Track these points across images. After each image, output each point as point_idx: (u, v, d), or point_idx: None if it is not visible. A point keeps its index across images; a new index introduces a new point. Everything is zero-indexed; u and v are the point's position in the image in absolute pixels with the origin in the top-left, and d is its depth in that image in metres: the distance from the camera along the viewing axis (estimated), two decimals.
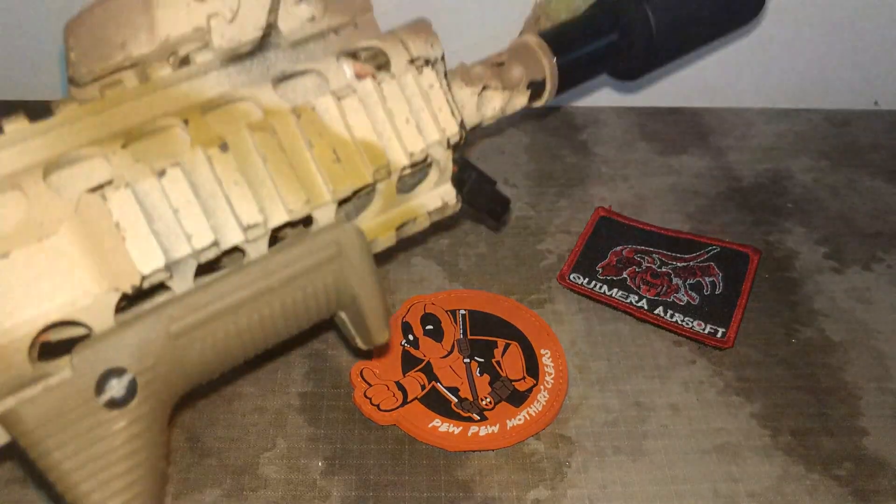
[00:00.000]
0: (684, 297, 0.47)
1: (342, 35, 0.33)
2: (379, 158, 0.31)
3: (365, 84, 0.32)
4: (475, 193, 0.36)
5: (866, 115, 0.64)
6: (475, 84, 0.36)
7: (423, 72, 0.33)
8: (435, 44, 0.34)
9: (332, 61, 0.32)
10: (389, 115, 0.32)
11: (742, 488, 0.38)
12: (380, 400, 0.40)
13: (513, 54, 0.37)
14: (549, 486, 0.38)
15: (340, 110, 0.31)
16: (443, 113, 0.33)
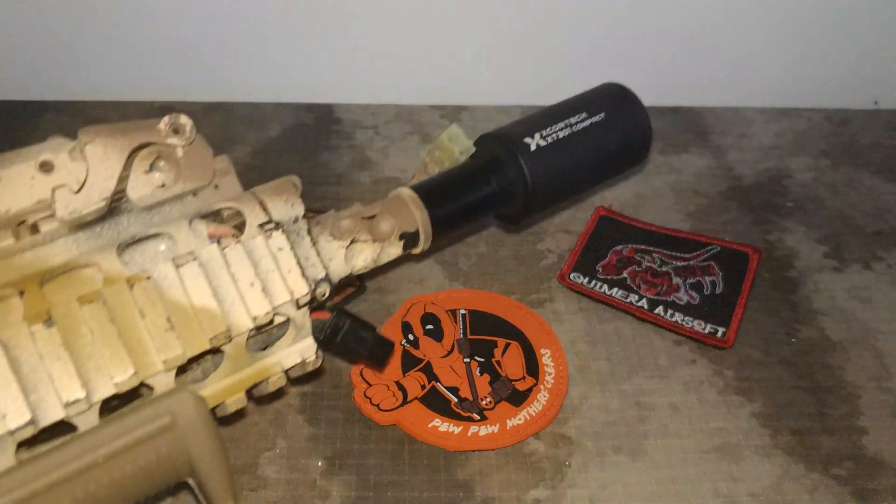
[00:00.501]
0: (684, 297, 0.46)
1: (200, 196, 0.34)
2: (217, 325, 0.31)
3: (209, 249, 0.32)
4: (351, 342, 0.36)
5: (866, 115, 0.64)
6: (343, 238, 0.36)
7: (273, 235, 0.33)
8: (295, 204, 0.34)
9: (184, 224, 0.32)
10: (233, 279, 0.32)
11: (742, 488, 0.38)
12: (380, 400, 0.40)
13: (385, 207, 0.38)
14: (549, 486, 0.38)
15: (179, 277, 0.31)
16: (292, 275, 0.33)
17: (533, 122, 0.41)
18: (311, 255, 0.35)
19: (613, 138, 0.41)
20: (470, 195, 0.40)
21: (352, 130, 0.60)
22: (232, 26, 0.59)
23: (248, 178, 0.54)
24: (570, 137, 0.40)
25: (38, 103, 0.60)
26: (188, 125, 0.33)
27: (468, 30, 0.60)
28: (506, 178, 0.40)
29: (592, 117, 0.41)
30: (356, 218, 0.37)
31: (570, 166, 0.40)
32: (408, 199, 0.38)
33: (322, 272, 0.35)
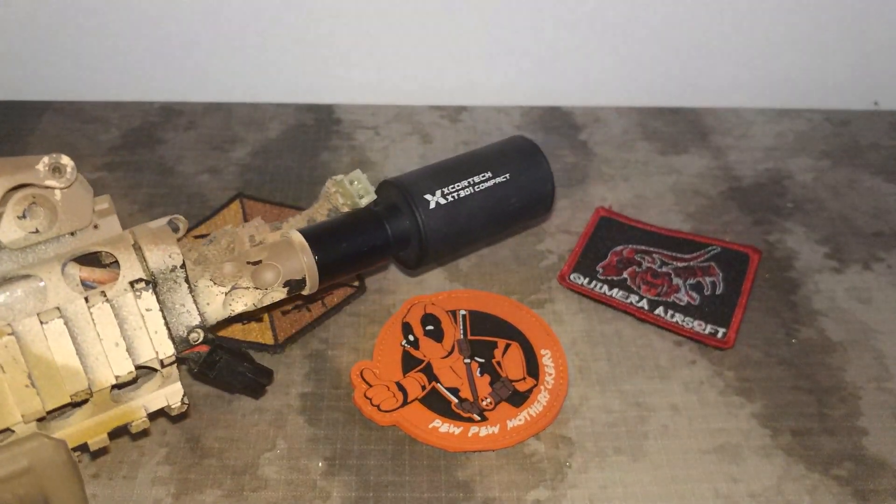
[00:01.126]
0: (685, 298, 0.47)
1: (78, 236, 0.33)
2: (79, 383, 0.32)
3: (76, 305, 0.32)
4: (226, 375, 0.37)
5: (866, 115, 0.64)
6: (225, 284, 0.36)
7: (143, 296, 0.33)
8: (174, 254, 0.34)
9: (57, 267, 0.32)
10: (98, 337, 0.32)
11: (742, 488, 0.38)
12: (380, 400, 0.40)
13: (273, 253, 0.37)
14: (549, 487, 0.38)
15: (43, 334, 0.31)
16: (159, 336, 0.33)
17: (437, 176, 0.41)
18: (186, 301, 0.34)
19: (514, 200, 0.42)
20: (363, 242, 0.39)
21: (352, 131, 0.60)
22: (232, 26, 0.59)
23: (248, 178, 0.54)
24: (471, 197, 0.40)
25: (38, 103, 0.60)
26: (69, 166, 0.32)
27: (468, 31, 0.60)
28: (402, 227, 0.40)
29: (496, 177, 0.42)
30: (240, 263, 0.37)
31: (466, 225, 0.40)
32: (297, 245, 0.38)
33: (196, 319, 0.35)
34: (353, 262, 0.39)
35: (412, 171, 0.42)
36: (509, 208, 0.42)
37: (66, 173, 0.32)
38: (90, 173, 0.54)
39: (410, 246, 0.40)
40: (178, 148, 0.57)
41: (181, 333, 0.35)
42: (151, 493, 0.37)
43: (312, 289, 0.38)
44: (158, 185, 0.54)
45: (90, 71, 0.60)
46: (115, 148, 0.57)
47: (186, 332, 0.35)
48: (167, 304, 0.34)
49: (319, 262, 0.38)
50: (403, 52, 0.61)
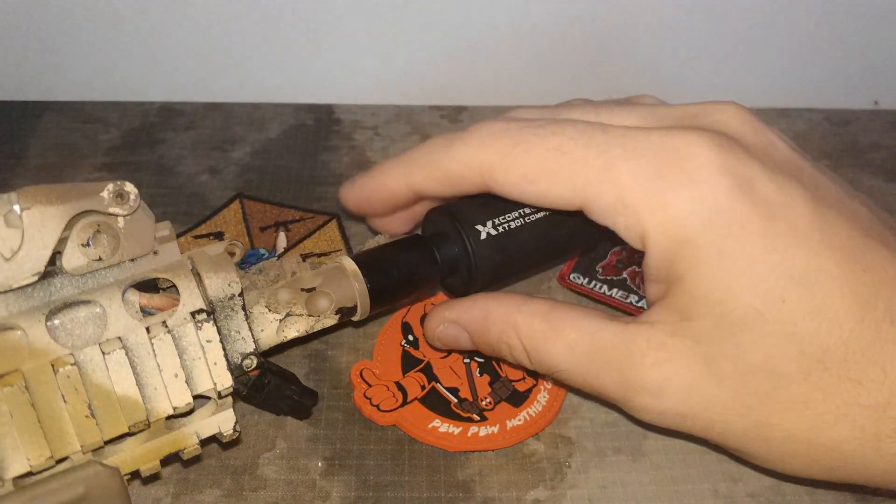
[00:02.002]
0: None
1: (138, 262, 0.33)
2: (138, 414, 0.32)
3: (137, 334, 0.32)
4: (274, 398, 0.37)
5: (866, 115, 0.64)
6: (279, 311, 0.36)
7: (204, 327, 0.33)
8: (233, 283, 0.34)
9: (117, 294, 0.32)
10: (158, 368, 0.32)
11: (742, 488, 0.38)
12: (380, 400, 0.40)
13: (326, 280, 0.37)
14: (548, 487, 0.38)
15: (104, 364, 0.31)
16: (218, 367, 0.33)
17: (486, 206, 0.40)
18: (242, 329, 0.35)
19: (564, 231, 0.41)
20: (413, 269, 0.39)
21: (352, 131, 0.60)
22: (232, 27, 0.59)
23: (248, 178, 0.54)
24: (521, 228, 0.40)
25: (38, 103, 0.60)
26: (132, 193, 0.32)
27: (468, 30, 0.60)
28: (451, 254, 0.40)
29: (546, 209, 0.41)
30: (294, 290, 0.37)
31: (515, 256, 0.40)
32: (350, 272, 0.38)
33: (251, 346, 0.35)
34: (403, 289, 0.40)
35: (460, 200, 0.41)
36: (560, 238, 0.41)
37: (130, 200, 0.32)
38: (90, 173, 0.54)
39: (458, 273, 0.40)
40: (177, 148, 0.57)
41: (236, 360, 0.35)
42: (151, 492, 0.37)
43: (363, 315, 0.38)
44: (158, 185, 0.54)
45: (90, 71, 0.60)
46: (115, 148, 0.57)
47: (241, 360, 0.35)
48: (223, 332, 0.34)
49: (371, 288, 0.38)
50: (403, 51, 0.61)
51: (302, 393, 0.39)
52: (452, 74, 0.62)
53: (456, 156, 0.37)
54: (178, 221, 0.51)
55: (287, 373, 0.38)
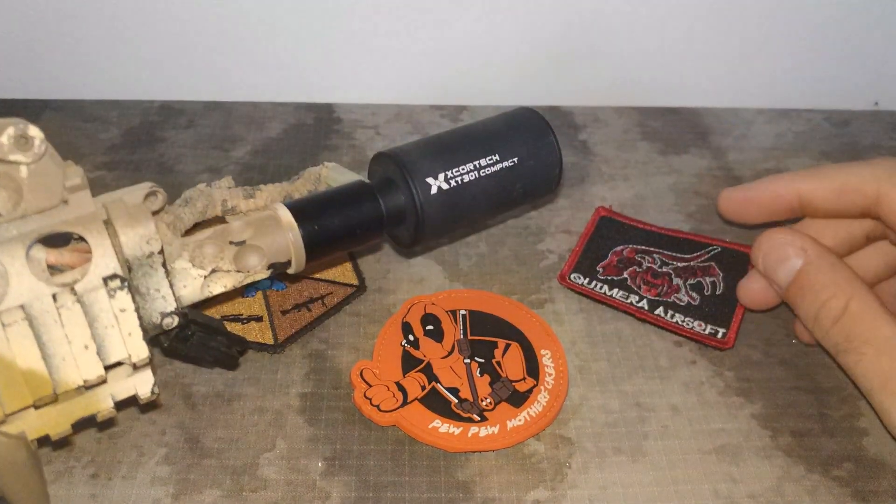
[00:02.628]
0: (685, 298, 0.46)
1: (46, 214, 0.30)
2: (43, 388, 0.29)
3: (42, 302, 0.29)
4: (199, 351, 0.35)
5: (866, 116, 0.64)
6: (205, 266, 0.34)
7: (117, 295, 0.30)
8: (152, 240, 0.31)
9: (20, 251, 0.29)
10: (66, 339, 0.29)
11: (742, 489, 0.38)
12: (380, 400, 0.40)
13: (258, 231, 0.35)
14: (549, 487, 0.38)
15: (5, 336, 0.28)
16: (133, 337, 0.31)
17: (440, 155, 0.38)
18: (162, 287, 0.32)
19: (519, 185, 0.39)
20: (355, 218, 0.37)
21: (352, 130, 0.60)
22: (232, 25, 0.59)
23: (248, 177, 0.54)
24: (475, 182, 0.38)
25: (38, 101, 0.60)
26: (37, 138, 0.28)
27: (469, 30, 0.60)
28: (397, 203, 0.38)
29: (503, 161, 0.39)
30: (222, 242, 0.34)
31: (466, 210, 0.38)
32: (284, 223, 0.35)
33: (172, 305, 0.32)
34: (343, 241, 0.37)
35: (411, 144, 0.39)
36: (513, 193, 0.40)
37: (35, 146, 0.28)
38: (90, 172, 0.54)
39: (405, 224, 0.38)
40: (177, 147, 0.57)
41: (154, 320, 0.32)
42: (150, 493, 0.37)
43: (298, 269, 0.37)
44: (158, 183, 0.53)
45: (90, 69, 0.60)
46: (115, 146, 0.57)
47: (160, 319, 0.32)
48: (140, 290, 0.32)
49: (308, 241, 0.35)
50: (403, 51, 0.61)
51: (229, 343, 0.36)
52: (453, 74, 0.62)
53: (854, 168, 0.38)
54: None
55: (213, 322, 0.35)
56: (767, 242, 0.39)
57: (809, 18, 0.61)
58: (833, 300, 0.36)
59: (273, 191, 0.40)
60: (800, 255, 0.38)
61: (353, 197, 0.37)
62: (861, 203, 0.38)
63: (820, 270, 0.37)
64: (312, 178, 0.42)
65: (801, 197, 0.39)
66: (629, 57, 0.62)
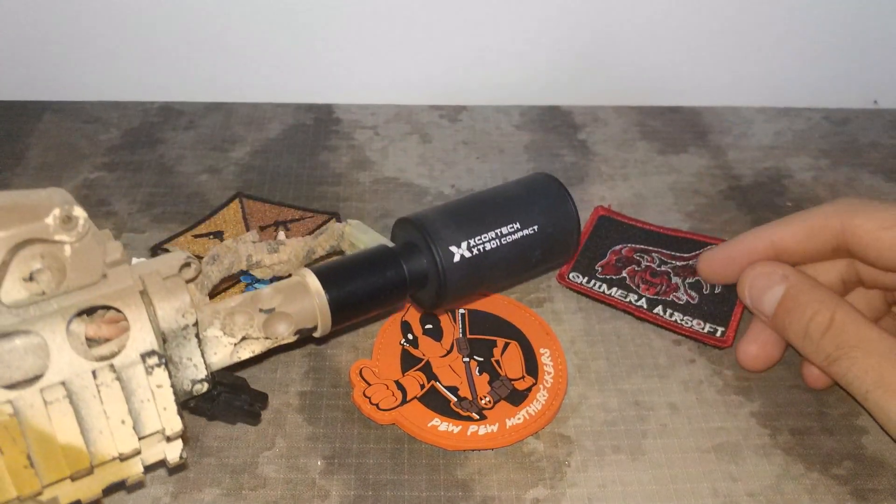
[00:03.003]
0: (684, 296, 0.46)
1: (87, 289, 0.30)
2: (81, 461, 0.30)
3: (81, 379, 0.29)
4: (224, 410, 0.36)
5: (866, 114, 0.64)
6: (235, 335, 0.34)
7: (155, 372, 0.31)
8: (187, 314, 0.32)
9: (61, 326, 0.29)
10: (104, 414, 0.30)
11: (741, 487, 0.38)
12: (379, 399, 0.40)
13: (286, 297, 0.35)
14: (548, 485, 0.38)
15: (46, 412, 0.29)
16: (167, 412, 0.31)
17: (463, 223, 0.39)
18: (194, 356, 0.33)
19: (539, 252, 0.40)
20: (379, 285, 0.37)
21: (351, 130, 0.60)
22: (231, 26, 0.59)
23: (248, 178, 0.54)
24: (497, 249, 0.39)
25: (38, 103, 0.60)
26: (81, 218, 0.29)
27: (467, 30, 0.60)
28: (419, 268, 0.38)
29: (524, 229, 0.40)
30: (251, 309, 0.35)
31: (487, 276, 0.39)
32: (312, 290, 0.36)
33: (203, 372, 0.33)
34: (368, 305, 0.38)
35: (435, 211, 0.40)
36: (532, 259, 0.40)
37: (79, 226, 0.29)
38: (90, 173, 0.54)
39: (427, 288, 0.39)
40: (177, 148, 0.57)
41: (185, 387, 0.33)
42: (150, 491, 0.37)
43: (324, 333, 0.37)
44: (158, 184, 0.54)
45: (90, 71, 0.60)
46: (115, 148, 0.57)
47: (191, 385, 0.33)
48: (174, 359, 0.32)
49: (333, 305, 0.36)
50: (402, 51, 0.61)
51: (252, 401, 0.37)
52: (452, 74, 0.62)
53: (818, 209, 0.41)
54: (178, 221, 0.51)
55: (237, 381, 0.36)
56: (751, 275, 0.42)
57: (809, 17, 0.61)
58: (818, 315, 0.38)
59: (296, 245, 0.41)
60: (782, 282, 0.40)
61: (377, 262, 0.38)
62: (831, 240, 0.40)
63: (803, 291, 0.39)
64: (335, 234, 0.42)
65: (774, 245, 0.41)
66: (628, 56, 0.62)
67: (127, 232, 0.50)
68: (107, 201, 0.52)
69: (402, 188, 0.55)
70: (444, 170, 0.56)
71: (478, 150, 0.58)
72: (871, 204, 0.39)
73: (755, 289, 0.41)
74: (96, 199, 0.52)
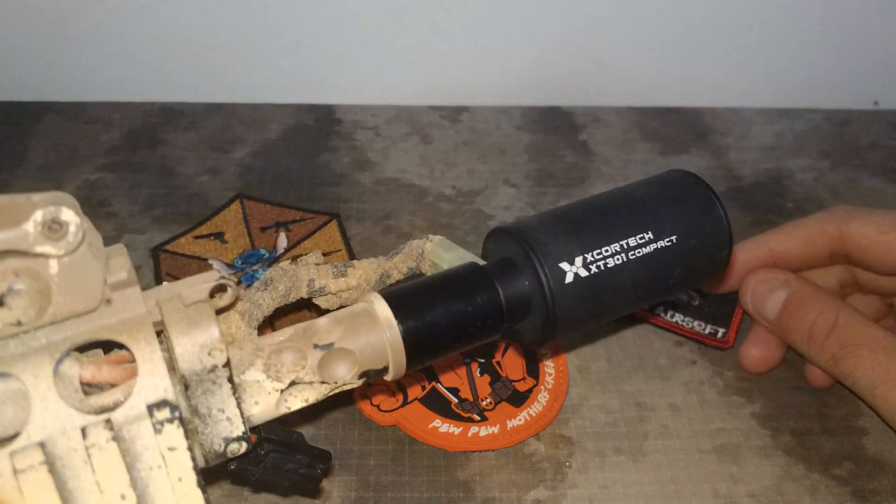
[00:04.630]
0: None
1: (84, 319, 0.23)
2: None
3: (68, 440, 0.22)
4: (273, 474, 0.29)
5: (866, 115, 0.64)
6: (282, 378, 0.27)
7: (165, 430, 0.24)
8: (215, 350, 0.24)
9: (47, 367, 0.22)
10: (96, 488, 0.23)
11: (742, 488, 0.38)
12: (380, 400, 0.40)
13: (348, 329, 0.28)
14: (549, 487, 0.38)
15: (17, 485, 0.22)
16: (184, 483, 0.24)
17: (577, 232, 0.30)
18: (228, 407, 0.25)
19: (678, 270, 0.31)
20: (468, 316, 0.29)
21: (352, 131, 0.60)
22: (232, 27, 0.59)
23: (248, 179, 0.54)
24: (622, 267, 0.30)
25: (39, 104, 0.60)
26: (72, 225, 0.22)
27: (468, 31, 0.60)
28: (520, 293, 0.30)
29: (659, 240, 0.31)
30: (304, 345, 0.27)
31: (609, 302, 0.30)
32: (382, 320, 0.28)
33: (239, 429, 0.26)
34: (453, 341, 0.30)
35: (538, 219, 0.31)
36: (670, 280, 0.31)
37: (69, 234, 0.22)
38: (91, 174, 0.54)
39: (530, 318, 0.31)
40: (178, 148, 0.57)
41: (217, 447, 0.26)
42: None
43: (397, 376, 0.29)
44: (159, 185, 0.54)
45: (91, 72, 0.60)
46: (116, 148, 0.57)
47: (224, 445, 0.26)
48: (200, 411, 0.25)
49: (408, 340, 0.28)
50: (403, 52, 0.61)
51: (310, 462, 0.29)
52: (452, 75, 0.62)
53: (815, 216, 0.42)
54: (179, 222, 0.51)
55: (291, 437, 0.29)
56: (753, 281, 0.42)
57: (809, 18, 0.61)
58: (822, 316, 0.39)
59: (368, 268, 0.34)
60: (784, 287, 0.41)
61: (465, 285, 0.30)
62: (828, 245, 0.41)
63: (806, 294, 0.40)
64: (414, 253, 0.35)
65: (773, 252, 0.42)
66: (629, 57, 0.62)
67: (127, 233, 0.50)
68: (107, 202, 0.52)
69: (403, 189, 0.55)
70: (445, 170, 0.56)
71: (478, 151, 0.58)
72: (867, 210, 0.40)
73: (757, 295, 0.41)
74: (97, 199, 0.52)
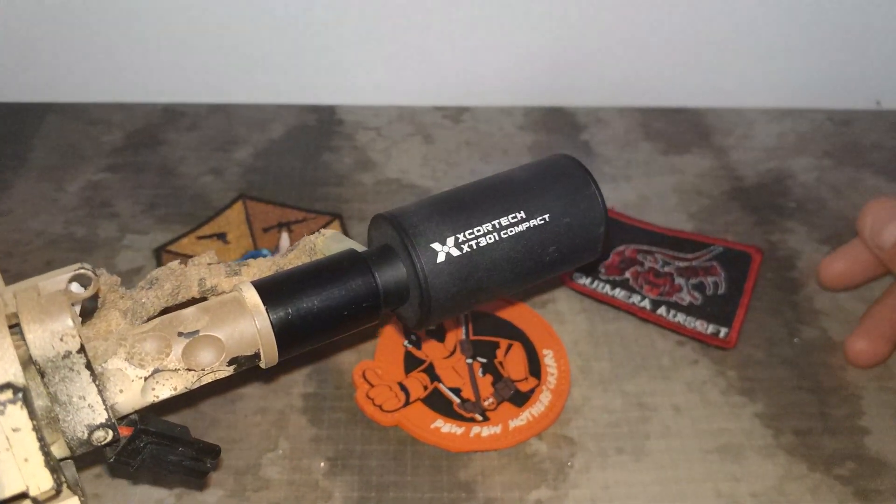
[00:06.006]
0: (687, 297, 0.47)
1: None
2: None
3: None
4: (153, 466, 0.28)
5: (868, 115, 0.64)
6: (144, 366, 0.27)
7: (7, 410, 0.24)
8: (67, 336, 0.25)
9: None
10: None
11: (744, 488, 0.38)
12: (382, 400, 0.40)
13: (215, 317, 0.28)
14: (551, 487, 0.38)
15: None
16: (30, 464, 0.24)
17: (449, 214, 0.31)
18: (88, 393, 0.26)
19: (553, 248, 0.32)
20: (341, 298, 0.29)
21: (354, 131, 0.60)
22: (234, 28, 0.59)
23: (251, 179, 0.54)
24: (495, 245, 0.30)
25: (41, 105, 0.60)
26: None
27: (470, 31, 0.60)
28: (397, 277, 0.30)
29: (531, 219, 0.31)
30: (168, 334, 0.27)
31: (484, 281, 0.31)
32: (249, 306, 0.28)
33: (102, 416, 0.26)
34: (327, 326, 0.29)
35: (416, 204, 0.32)
36: (545, 258, 0.32)
37: None
38: (93, 174, 0.54)
39: (409, 301, 0.31)
40: (180, 149, 0.57)
41: (80, 435, 0.26)
42: (154, 493, 0.37)
43: (270, 363, 0.29)
44: (161, 186, 0.54)
45: (93, 72, 0.60)
46: (118, 149, 0.57)
47: (87, 433, 0.26)
48: (59, 398, 0.25)
49: (278, 327, 0.28)
50: (405, 52, 0.61)
51: (195, 454, 0.29)
52: (454, 75, 0.62)
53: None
54: (181, 222, 0.51)
55: (173, 429, 0.29)
56: (874, 207, 0.42)
57: (812, 19, 0.61)
58: None
59: (262, 266, 0.33)
60: None
61: (339, 271, 0.30)
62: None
63: None
64: (307, 248, 0.34)
65: None
66: (631, 57, 0.62)
67: (130, 233, 0.50)
68: (110, 203, 0.52)
69: (405, 189, 0.55)
70: (447, 171, 0.56)
71: (481, 151, 0.58)
72: None
73: (878, 220, 0.41)
74: (99, 200, 0.52)
